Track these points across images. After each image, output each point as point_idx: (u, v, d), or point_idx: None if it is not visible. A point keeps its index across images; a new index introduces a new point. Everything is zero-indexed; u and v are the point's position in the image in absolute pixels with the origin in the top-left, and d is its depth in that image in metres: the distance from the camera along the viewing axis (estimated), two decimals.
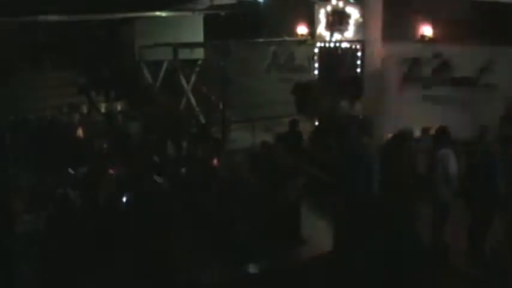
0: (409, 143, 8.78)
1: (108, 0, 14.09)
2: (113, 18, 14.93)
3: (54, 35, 16.17)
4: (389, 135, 9.13)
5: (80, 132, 12.00)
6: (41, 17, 13.75)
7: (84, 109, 13.64)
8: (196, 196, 8.81)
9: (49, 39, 16.19)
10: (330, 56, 13.23)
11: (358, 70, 12.70)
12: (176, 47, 11.70)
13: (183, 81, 15.31)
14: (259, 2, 14.87)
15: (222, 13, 15.78)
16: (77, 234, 7.51)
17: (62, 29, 15.88)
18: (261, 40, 14.45)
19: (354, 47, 12.72)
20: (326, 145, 12.16)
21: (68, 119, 12.62)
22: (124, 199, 8.07)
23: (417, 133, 10.68)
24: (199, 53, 15.73)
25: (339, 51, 12.95)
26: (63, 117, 12.80)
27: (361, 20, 12.45)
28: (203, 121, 14.74)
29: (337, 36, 12.94)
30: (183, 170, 9.76)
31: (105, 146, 10.75)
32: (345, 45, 12.87)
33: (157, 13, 14.98)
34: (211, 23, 16.08)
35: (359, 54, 12.64)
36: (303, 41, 14.20)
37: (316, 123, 13.30)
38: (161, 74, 15.94)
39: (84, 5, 14.10)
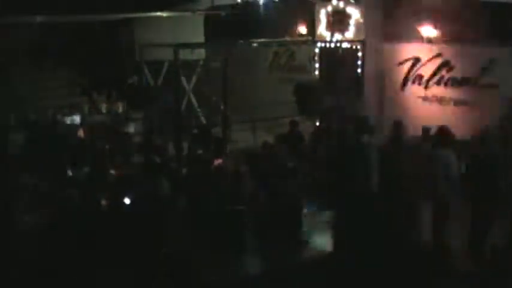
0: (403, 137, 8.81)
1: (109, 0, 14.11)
2: (114, 18, 14.94)
3: (55, 36, 16.19)
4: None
5: (81, 132, 12.05)
6: (42, 17, 13.75)
7: (86, 110, 13.69)
8: (198, 196, 8.83)
9: (50, 40, 16.21)
10: (331, 56, 13.25)
11: (359, 70, 12.72)
12: (177, 47, 11.70)
13: (184, 82, 15.31)
14: (260, 3, 14.88)
15: (223, 13, 15.79)
16: (79, 235, 7.53)
17: (63, 30, 15.90)
18: (262, 40, 14.45)
19: (354, 47, 12.74)
20: (327, 145, 12.17)
21: (70, 120, 12.68)
22: (126, 200, 8.09)
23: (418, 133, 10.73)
24: (200, 54, 15.73)
25: (340, 51, 12.97)
26: (65, 117, 12.87)
27: (361, 20, 12.48)
28: (204, 122, 14.75)
29: (337, 36, 12.96)
30: (185, 170, 9.80)
31: (107, 146, 10.79)
32: (345, 45, 12.89)
33: (158, 13, 15.00)
34: (212, 24, 16.09)
35: (359, 54, 12.66)
36: (303, 41, 14.20)
37: (317, 124, 13.31)
38: (162, 75, 15.95)
39: (85, 5, 14.11)
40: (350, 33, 12.73)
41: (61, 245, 7.42)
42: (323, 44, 13.40)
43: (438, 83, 11.50)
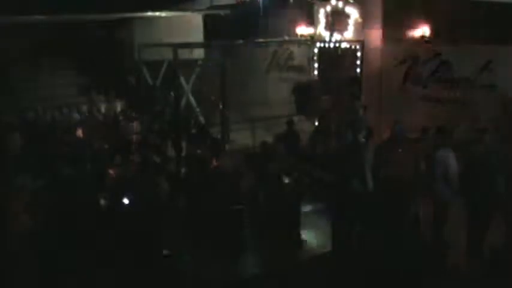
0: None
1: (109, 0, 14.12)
2: (113, 18, 14.93)
3: (55, 35, 16.17)
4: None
5: (80, 132, 12.03)
6: (41, 17, 13.74)
7: (85, 110, 13.68)
8: (197, 196, 8.82)
9: (49, 40, 16.19)
10: (330, 56, 13.26)
11: (358, 70, 12.73)
12: (176, 47, 11.72)
13: (183, 82, 15.31)
14: (259, 2, 14.88)
15: (222, 13, 15.79)
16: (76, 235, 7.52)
17: (62, 29, 15.88)
18: (261, 40, 14.45)
19: (353, 47, 12.74)
20: (325, 145, 12.17)
21: (68, 119, 12.66)
22: (125, 200, 8.07)
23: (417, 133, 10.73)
24: (199, 53, 15.74)
25: (339, 51, 12.98)
26: (63, 117, 12.85)
27: (360, 20, 12.49)
28: (203, 121, 14.75)
29: (336, 36, 12.97)
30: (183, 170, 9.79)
31: (105, 146, 10.77)
32: (344, 45, 12.89)
33: (157, 13, 15.01)
34: (211, 23, 16.09)
35: (359, 54, 12.67)
36: (303, 41, 14.21)
37: (316, 123, 13.31)
38: (161, 74, 15.95)
39: (85, 4, 14.10)
40: (349, 33, 12.74)
41: (60, 245, 7.42)
42: (322, 44, 13.41)
43: (437, 82, 11.50)
